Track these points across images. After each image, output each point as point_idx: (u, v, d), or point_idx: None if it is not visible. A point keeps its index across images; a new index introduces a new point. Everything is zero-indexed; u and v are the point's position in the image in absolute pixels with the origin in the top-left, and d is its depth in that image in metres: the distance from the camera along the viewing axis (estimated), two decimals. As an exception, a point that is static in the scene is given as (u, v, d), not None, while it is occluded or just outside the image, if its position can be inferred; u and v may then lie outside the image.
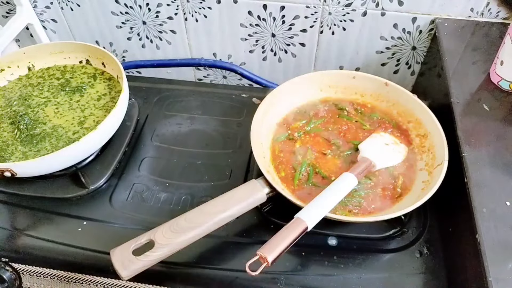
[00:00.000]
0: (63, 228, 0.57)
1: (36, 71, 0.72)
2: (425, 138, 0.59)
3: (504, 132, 0.51)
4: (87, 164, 0.62)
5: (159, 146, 0.67)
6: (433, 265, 0.51)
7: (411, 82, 0.79)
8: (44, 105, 0.66)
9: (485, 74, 0.59)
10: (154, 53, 0.85)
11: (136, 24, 0.80)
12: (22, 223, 0.58)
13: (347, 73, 0.65)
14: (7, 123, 0.64)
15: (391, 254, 0.52)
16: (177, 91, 0.77)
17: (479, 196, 0.45)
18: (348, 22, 0.71)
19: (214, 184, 0.61)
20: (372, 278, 0.50)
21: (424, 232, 0.54)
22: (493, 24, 0.66)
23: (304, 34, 0.74)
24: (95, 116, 0.64)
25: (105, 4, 0.78)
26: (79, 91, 0.68)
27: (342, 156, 0.59)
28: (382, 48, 0.74)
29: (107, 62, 0.70)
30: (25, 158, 0.58)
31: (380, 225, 0.54)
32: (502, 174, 0.47)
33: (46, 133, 0.62)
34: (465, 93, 0.56)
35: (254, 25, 0.75)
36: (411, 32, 0.70)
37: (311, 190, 0.55)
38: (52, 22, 0.84)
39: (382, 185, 0.55)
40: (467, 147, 0.49)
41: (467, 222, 0.45)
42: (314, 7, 0.70)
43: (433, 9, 0.66)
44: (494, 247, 0.41)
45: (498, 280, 0.39)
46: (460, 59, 0.61)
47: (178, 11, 0.76)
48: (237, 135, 0.68)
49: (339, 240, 0.54)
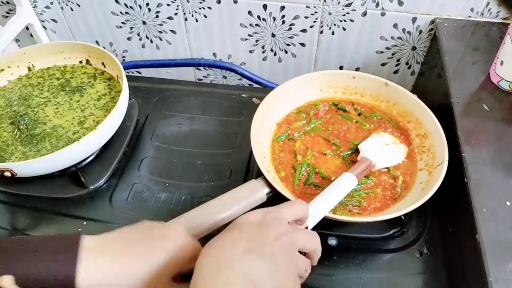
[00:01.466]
0: (63, 228, 0.56)
1: (36, 71, 0.72)
2: (425, 138, 0.58)
3: (504, 132, 0.51)
4: (87, 164, 0.62)
5: (159, 146, 0.67)
6: (433, 265, 0.51)
7: (411, 82, 0.79)
8: (44, 105, 0.66)
9: (485, 74, 0.59)
10: (154, 53, 0.85)
11: (136, 24, 0.80)
12: (22, 223, 0.58)
13: (347, 73, 0.65)
14: (7, 123, 0.64)
15: (391, 254, 0.52)
16: (177, 91, 0.77)
17: (479, 196, 0.45)
18: (348, 22, 0.71)
19: (214, 184, 0.61)
20: (372, 278, 0.50)
21: (424, 232, 0.54)
22: (493, 24, 0.66)
23: (304, 34, 0.74)
24: (95, 116, 0.64)
25: (105, 4, 0.78)
26: (79, 91, 0.68)
27: (342, 156, 0.59)
28: (382, 48, 0.74)
29: (107, 62, 0.70)
30: (25, 158, 0.58)
31: (380, 225, 0.54)
32: (502, 174, 0.47)
33: (46, 133, 0.62)
34: (465, 93, 0.56)
35: (254, 25, 0.75)
36: (411, 32, 0.70)
37: (311, 190, 0.55)
38: (52, 22, 0.84)
39: (382, 185, 0.55)
40: (467, 147, 0.49)
41: (467, 222, 0.44)
42: (314, 7, 0.70)
43: (433, 9, 0.66)
44: (494, 247, 0.41)
45: (498, 280, 0.39)
46: (460, 59, 0.61)
47: (178, 11, 0.76)
48: (237, 135, 0.68)
49: (339, 240, 0.54)
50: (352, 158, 0.59)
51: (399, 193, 0.54)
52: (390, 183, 0.56)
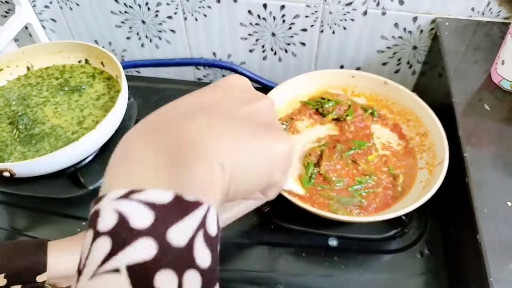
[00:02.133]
0: (62, 229, 0.56)
1: (35, 70, 0.72)
2: (425, 136, 0.58)
3: (505, 132, 0.51)
4: (86, 164, 0.62)
5: (158, 146, 0.67)
6: (434, 266, 0.51)
7: (412, 82, 0.79)
8: (43, 105, 0.66)
9: (486, 74, 0.59)
10: (153, 52, 0.85)
11: (135, 23, 0.80)
12: (20, 224, 0.58)
13: (346, 72, 0.65)
14: (6, 123, 0.63)
15: (392, 255, 0.52)
16: (177, 91, 0.77)
17: (480, 197, 0.44)
18: (348, 21, 0.71)
19: (213, 184, 0.61)
20: (373, 279, 0.50)
21: (425, 232, 0.54)
22: (494, 23, 0.66)
23: (304, 33, 0.74)
24: (94, 116, 0.64)
25: (104, 3, 0.77)
26: (78, 90, 0.68)
27: (342, 156, 0.59)
28: (383, 48, 0.74)
29: (106, 62, 0.70)
30: (24, 158, 0.58)
31: (380, 226, 0.54)
32: (504, 174, 0.47)
33: (45, 133, 0.61)
34: (466, 93, 0.56)
35: (254, 24, 0.75)
36: (412, 31, 0.70)
37: (312, 190, 0.54)
38: (51, 22, 0.84)
39: (382, 185, 0.55)
40: (468, 147, 0.49)
41: (468, 222, 0.44)
42: (314, 6, 0.69)
43: (434, 9, 0.66)
44: (495, 247, 0.41)
45: (499, 281, 0.38)
46: (461, 58, 0.61)
47: (177, 10, 0.76)
48: (237, 135, 0.68)
49: (339, 240, 0.53)
50: (353, 158, 0.58)
51: (399, 192, 0.54)
52: (391, 182, 0.55)
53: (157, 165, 0.20)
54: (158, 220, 0.18)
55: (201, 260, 0.18)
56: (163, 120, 0.22)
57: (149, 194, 0.18)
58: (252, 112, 0.24)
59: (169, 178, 0.19)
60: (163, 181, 0.19)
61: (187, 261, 0.18)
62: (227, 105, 0.24)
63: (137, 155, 0.20)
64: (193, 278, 0.18)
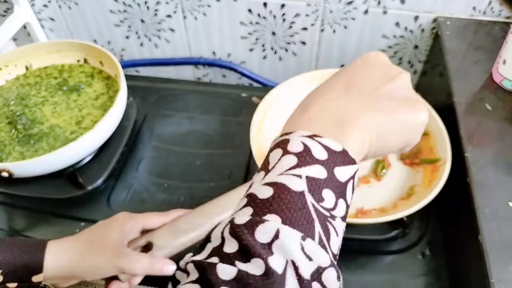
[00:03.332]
0: (60, 229, 0.56)
1: (34, 70, 0.72)
2: (427, 136, 0.58)
3: (507, 132, 0.51)
4: (85, 164, 0.61)
5: (157, 146, 0.66)
6: (436, 267, 0.51)
7: (413, 81, 0.79)
8: (41, 105, 0.65)
9: (488, 73, 0.58)
10: (152, 51, 0.85)
11: (134, 22, 0.80)
12: (19, 224, 0.57)
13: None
14: (5, 122, 0.63)
15: (393, 256, 0.52)
16: (176, 90, 0.77)
17: (481, 197, 0.44)
18: (349, 20, 0.70)
19: (213, 184, 0.60)
20: (374, 280, 0.50)
21: (426, 233, 0.54)
22: (495, 23, 0.65)
23: (305, 32, 0.74)
24: (92, 116, 0.63)
25: (103, 2, 0.77)
26: (76, 90, 0.67)
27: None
28: (384, 47, 0.73)
29: (105, 61, 0.69)
30: (22, 158, 0.58)
31: (382, 227, 0.54)
32: (505, 174, 0.46)
33: (43, 133, 0.61)
34: (468, 93, 0.55)
35: (254, 23, 0.74)
36: (413, 30, 0.69)
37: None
38: (50, 21, 0.83)
39: (384, 185, 0.55)
40: (470, 147, 0.49)
41: (469, 223, 0.44)
42: (315, 5, 0.69)
43: (435, 8, 0.66)
44: (496, 248, 0.40)
45: (500, 281, 0.38)
46: (462, 58, 0.60)
47: (177, 9, 0.75)
48: (236, 135, 0.67)
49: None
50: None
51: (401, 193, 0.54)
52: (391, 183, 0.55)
53: (329, 124, 0.28)
54: (330, 159, 0.26)
55: (348, 197, 0.27)
56: (327, 94, 0.31)
57: (325, 140, 0.27)
58: (393, 89, 0.30)
59: (337, 136, 0.27)
60: (334, 136, 0.27)
61: (342, 192, 0.26)
62: (372, 86, 0.30)
63: (314, 114, 0.29)
64: (342, 205, 0.26)
